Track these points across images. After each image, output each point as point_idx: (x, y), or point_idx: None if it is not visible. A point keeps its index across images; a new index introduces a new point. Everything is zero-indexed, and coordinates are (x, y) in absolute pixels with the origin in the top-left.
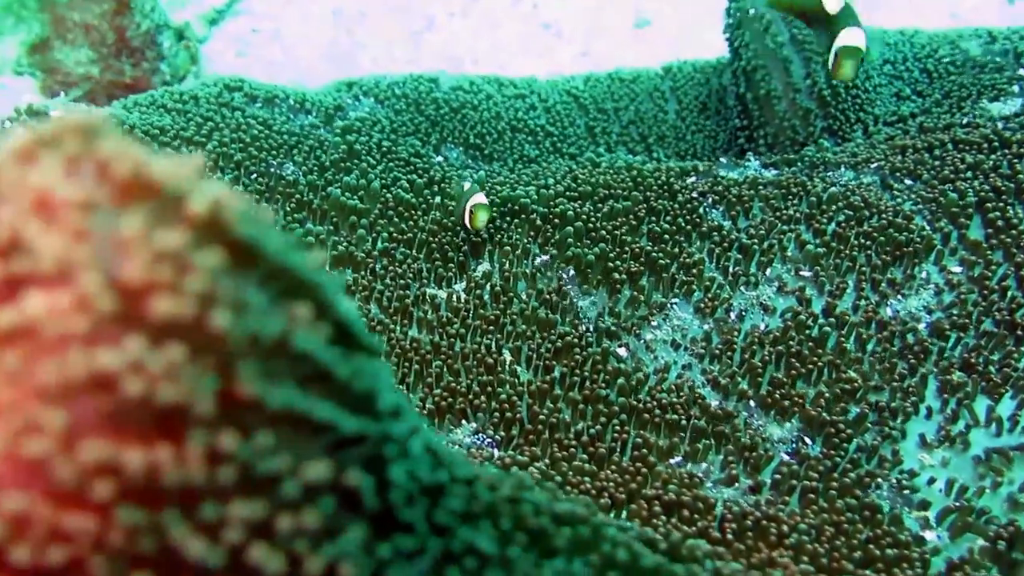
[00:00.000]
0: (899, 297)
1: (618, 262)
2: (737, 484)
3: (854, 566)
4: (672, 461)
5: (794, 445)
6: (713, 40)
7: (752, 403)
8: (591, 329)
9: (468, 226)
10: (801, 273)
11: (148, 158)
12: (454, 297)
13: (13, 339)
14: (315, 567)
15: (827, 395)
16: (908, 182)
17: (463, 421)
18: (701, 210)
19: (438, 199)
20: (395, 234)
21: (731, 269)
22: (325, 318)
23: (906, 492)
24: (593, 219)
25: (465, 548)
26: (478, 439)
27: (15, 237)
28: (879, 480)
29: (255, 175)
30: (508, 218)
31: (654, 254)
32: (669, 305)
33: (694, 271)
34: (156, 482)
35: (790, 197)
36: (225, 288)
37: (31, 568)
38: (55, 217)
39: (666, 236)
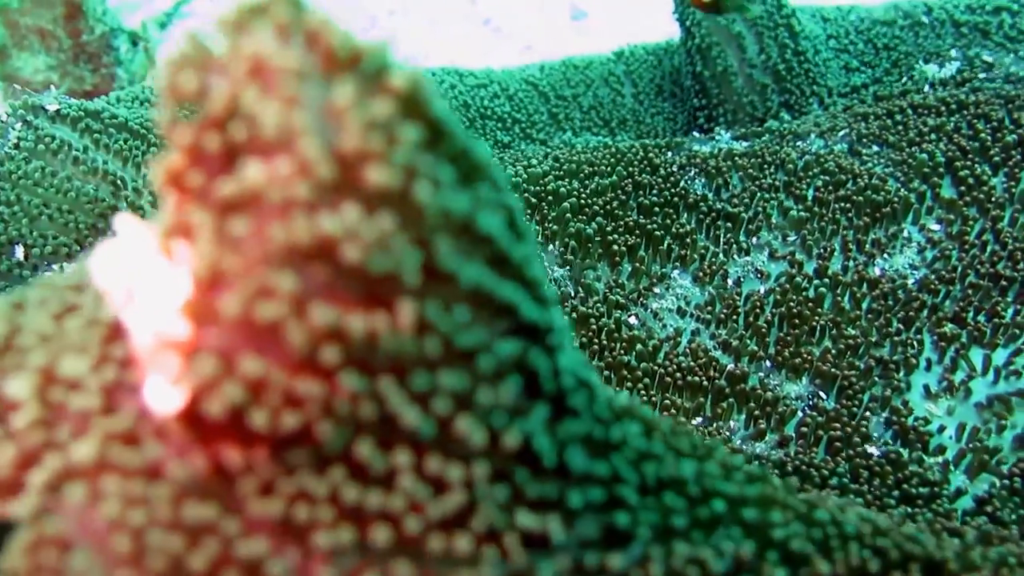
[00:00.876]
0: (885, 256)
1: (615, 235)
2: (765, 439)
3: (895, 503)
4: (697, 420)
5: (811, 400)
6: (648, 28)
7: (766, 363)
8: (601, 301)
9: None
10: (788, 239)
11: (348, 30)
12: None
13: (236, 208)
14: (512, 441)
15: (833, 352)
16: (875, 148)
17: None
18: (684, 182)
19: None
20: None
21: (722, 238)
22: (501, 203)
23: (923, 438)
24: (583, 195)
25: (622, 439)
26: None
27: (233, 105)
28: (892, 425)
29: None
30: None
31: (648, 226)
32: (669, 275)
33: (687, 241)
34: (374, 349)
35: (766, 166)
36: (424, 163)
37: (267, 434)
38: (272, 84)
39: (656, 209)
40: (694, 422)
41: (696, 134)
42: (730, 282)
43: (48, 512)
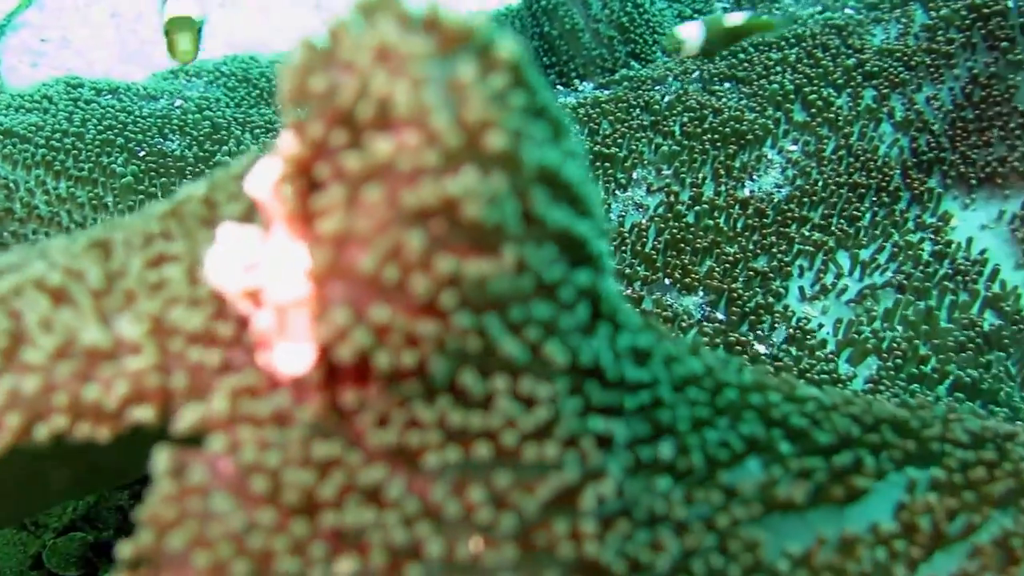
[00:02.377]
0: (753, 178)
1: None
2: None
3: None
4: None
5: (705, 312)
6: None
7: (658, 283)
8: None
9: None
10: (662, 172)
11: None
12: None
13: (365, 179)
14: (587, 358)
15: (717, 269)
16: (727, 84)
17: None
18: None
19: None
20: None
21: (601, 177)
22: (576, 151)
23: (805, 338)
24: None
25: (651, 346)
26: None
27: (361, 91)
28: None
29: (143, 153)
30: None
31: None
32: None
33: None
34: (482, 290)
35: (632, 109)
36: (528, 125)
37: (386, 374)
38: (400, 68)
39: None
40: None
41: (560, 87)
42: (613, 217)
43: (185, 463)
